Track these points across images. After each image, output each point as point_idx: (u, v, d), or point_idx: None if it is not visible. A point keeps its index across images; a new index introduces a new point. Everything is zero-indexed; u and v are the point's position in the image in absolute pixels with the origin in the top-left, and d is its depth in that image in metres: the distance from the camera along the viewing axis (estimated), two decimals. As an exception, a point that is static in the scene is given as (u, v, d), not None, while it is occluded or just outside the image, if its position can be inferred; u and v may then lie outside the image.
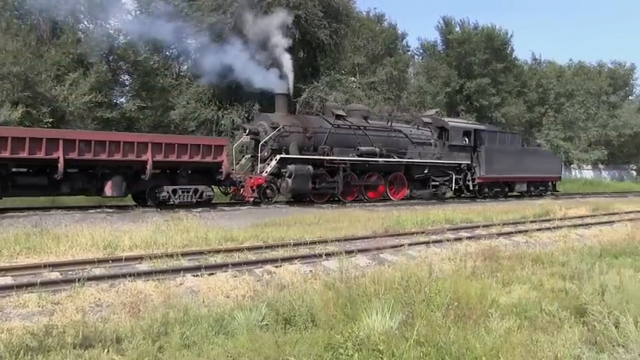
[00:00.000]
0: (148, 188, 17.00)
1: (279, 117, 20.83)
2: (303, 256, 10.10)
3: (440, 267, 9.03)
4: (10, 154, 13.99)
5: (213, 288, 8.02)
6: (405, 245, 11.62)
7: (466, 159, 26.33)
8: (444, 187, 25.64)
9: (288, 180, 19.61)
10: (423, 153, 24.68)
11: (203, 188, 17.61)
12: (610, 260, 9.91)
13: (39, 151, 14.40)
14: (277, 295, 6.91)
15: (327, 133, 21.36)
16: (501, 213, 18.63)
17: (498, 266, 9.12)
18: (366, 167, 22.32)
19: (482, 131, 27.67)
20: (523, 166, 28.94)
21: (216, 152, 17.62)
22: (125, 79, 28.15)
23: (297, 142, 20.56)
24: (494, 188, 28.00)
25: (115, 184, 16.11)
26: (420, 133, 25.15)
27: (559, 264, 9.62)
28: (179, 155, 16.84)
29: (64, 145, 14.78)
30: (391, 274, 7.74)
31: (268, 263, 9.47)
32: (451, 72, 43.21)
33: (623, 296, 6.77)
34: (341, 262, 8.32)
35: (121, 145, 15.77)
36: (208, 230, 12.05)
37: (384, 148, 22.76)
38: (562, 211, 20.11)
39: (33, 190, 15.36)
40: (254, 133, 20.40)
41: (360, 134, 22.42)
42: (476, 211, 18.93)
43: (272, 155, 19.84)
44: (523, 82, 47.96)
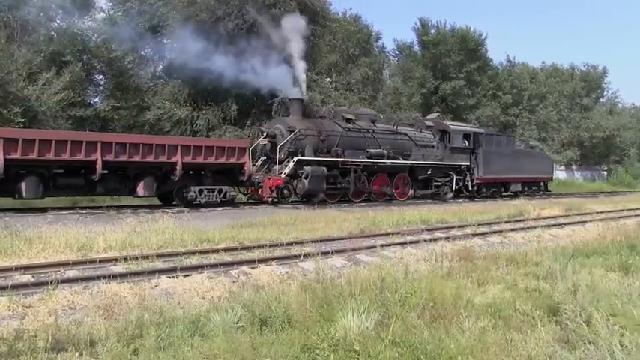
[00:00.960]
0: (176, 188, 18.27)
1: (295, 121, 22.01)
2: (279, 257, 10.10)
3: (416, 267, 9.09)
4: (54, 156, 15.28)
5: (188, 289, 7.97)
6: (380, 246, 11.68)
7: (466, 161, 27.88)
8: (445, 188, 27.06)
9: (304, 181, 20.85)
10: (426, 155, 26.14)
11: (226, 188, 18.95)
12: (582, 260, 10.07)
13: (79, 153, 15.69)
14: (253, 296, 6.89)
15: (339, 136, 22.70)
16: (476, 214, 18.81)
17: (473, 266, 9.21)
18: (375, 169, 23.63)
19: (481, 134, 29.13)
20: (518, 167, 30.62)
21: (239, 154, 19.00)
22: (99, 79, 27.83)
23: (312, 144, 21.80)
24: (492, 188, 29.55)
25: (146, 185, 17.34)
26: (422, 135, 26.59)
27: (533, 264, 9.75)
28: (206, 157, 18.20)
29: (102, 148, 16.05)
30: (367, 275, 7.77)
31: (244, 264, 9.44)
32: (426, 73, 43.49)
33: (594, 295, 6.89)
34: (317, 263, 8.33)
35: (154, 148, 17.08)
36: (184, 231, 11.97)
37: (391, 151, 24.12)
38: (536, 212, 20.38)
39: (71, 190, 16.62)
40: (271, 136, 21.49)
41: (369, 137, 23.84)
42: (451, 211, 19.09)
43: (289, 157, 21.06)
44: (497, 84, 48.46)
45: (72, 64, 23.99)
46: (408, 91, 42.50)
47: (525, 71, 53.95)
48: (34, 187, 15.47)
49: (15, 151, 14.82)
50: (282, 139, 21.22)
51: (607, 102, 64.39)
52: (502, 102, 48.20)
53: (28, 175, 15.40)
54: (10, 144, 14.80)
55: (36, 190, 15.52)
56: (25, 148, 14.93)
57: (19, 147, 14.85)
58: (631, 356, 5.07)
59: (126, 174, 17.18)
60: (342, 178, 22.34)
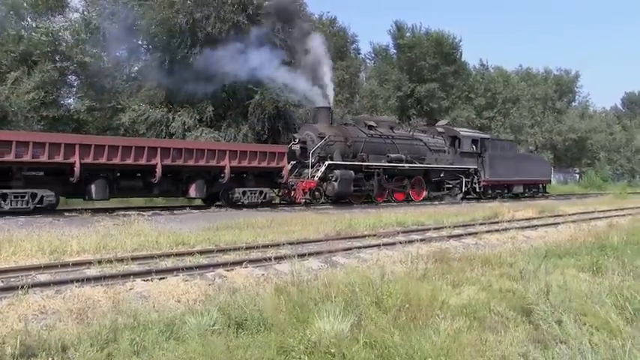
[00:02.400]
0: (222, 190, 19.93)
1: (324, 128, 23.93)
2: (255, 259, 10.06)
3: (392, 269, 9.12)
4: (120, 161, 16.92)
5: (163, 292, 7.90)
6: (357, 248, 11.71)
7: (474, 164, 30.20)
8: (456, 189, 29.24)
9: (334, 183, 22.64)
10: (439, 159, 28.32)
11: (266, 190, 20.67)
12: (555, 261, 10.23)
13: (141, 157, 17.31)
14: (229, 299, 6.85)
15: (363, 142, 24.66)
16: (452, 216, 18.95)
17: (449, 268, 9.27)
18: (395, 172, 25.78)
19: (487, 139, 31.68)
20: (520, 170, 33.03)
21: (278, 158, 20.78)
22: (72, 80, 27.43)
23: (340, 150, 23.66)
24: (496, 190, 31.85)
25: (198, 187, 18.97)
26: (435, 141, 28.77)
27: (507, 265, 9.86)
28: (250, 161, 19.95)
29: (161, 153, 17.68)
30: (343, 277, 7.79)
31: (220, 267, 9.39)
32: (402, 76, 43.79)
33: (566, 295, 7.00)
34: (293, 266, 8.31)
35: (205, 153, 18.82)
36: (159, 234, 11.87)
37: (408, 155, 26.27)
38: (510, 214, 20.62)
39: (131, 191, 18.30)
40: (302, 141, 23.20)
41: (389, 143, 25.96)
42: (427, 213, 19.21)
43: (319, 162, 22.83)
44: (471, 87, 48.99)
45: (42, 64, 23.61)
46: (384, 94, 42.81)
47: (499, 75, 54.72)
48: (102, 189, 16.94)
49: (88, 156, 16.29)
50: (313, 144, 23.05)
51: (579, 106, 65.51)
52: (476, 105, 48.73)
53: (97, 178, 16.89)
54: (84, 149, 16.25)
55: (103, 191, 16.98)
56: (96, 153, 16.44)
57: (92, 152, 16.35)
58: (600, 354, 5.15)
59: (179, 177, 18.81)
60: (366, 180, 24.26)
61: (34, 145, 15.41)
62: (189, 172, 18.76)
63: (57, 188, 16.32)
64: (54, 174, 16.33)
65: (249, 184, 20.37)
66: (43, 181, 16.24)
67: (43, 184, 16.11)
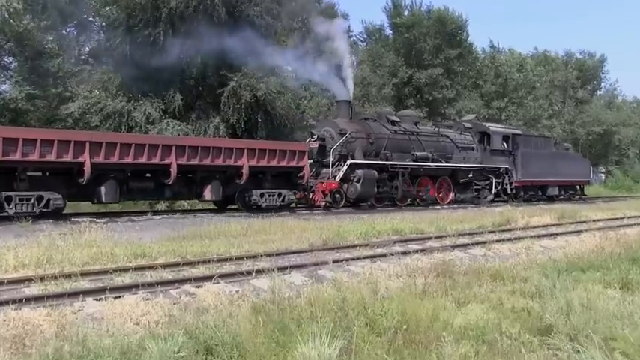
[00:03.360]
0: (237, 192, 20.79)
1: (345, 123, 25.08)
2: (228, 273, 10.03)
3: (386, 284, 9.13)
4: (132, 160, 17.71)
5: (120, 314, 7.84)
6: (346, 260, 11.74)
7: (504, 163, 31.37)
8: (485, 191, 30.55)
9: (356, 185, 23.65)
10: (467, 158, 29.59)
11: (285, 192, 21.57)
12: (577, 275, 10.25)
13: (154, 156, 18.15)
14: (197, 321, 6.81)
15: (386, 138, 25.79)
16: (456, 222, 19.02)
17: (453, 283, 9.29)
18: (421, 172, 26.79)
19: (519, 135, 32.90)
20: (555, 169, 33.94)
21: (298, 157, 21.66)
22: (8, 62, 27.07)
23: (362, 147, 24.72)
24: (529, 192, 33.04)
25: (213, 189, 19.86)
26: (462, 138, 30.04)
27: (521, 280, 9.90)
28: (269, 160, 20.87)
29: (176, 151, 18.53)
30: (330, 294, 7.77)
31: (187, 283, 9.34)
32: (399, 61, 43.84)
33: (590, 315, 7.01)
34: (272, 281, 8.29)
35: (222, 151, 19.70)
36: (115, 244, 11.80)
37: (435, 153, 27.35)
38: (524, 220, 20.74)
39: (142, 194, 19.36)
40: (321, 138, 24.27)
41: (414, 140, 27.15)
42: (427, 220, 19.26)
43: (340, 161, 23.88)
44: (479, 73, 49.17)
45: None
46: (378, 81, 42.76)
47: (512, 59, 54.97)
48: (113, 191, 17.76)
49: (98, 155, 17.04)
50: (333, 141, 24.10)
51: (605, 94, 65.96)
52: (485, 93, 48.95)
53: (107, 179, 17.65)
54: (95, 148, 16.99)
55: (114, 194, 17.83)
56: (107, 151, 17.20)
57: (102, 151, 17.10)
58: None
59: (193, 178, 19.74)
60: (389, 181, 25.25)
61: (42, 143, 16.04)
62: (205, 172, 19.76)
63: (63, 191, 16.99)
64: (60, 175, 17.13)
65: (266, 185, 21.35)
66: (48, 182, 17.03)
67: (49, 186, 16.82)
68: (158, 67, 23.96)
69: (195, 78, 27.27)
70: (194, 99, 27.69)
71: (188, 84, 26.98)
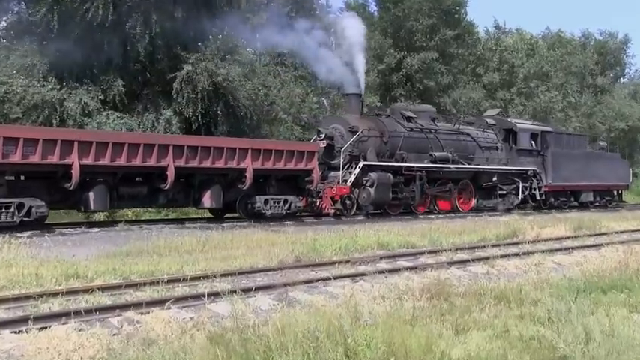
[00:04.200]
0: (239, 199, 21.67)
1: (356, 120, 25.90)
2: (180, 297, 9.97)
3: (370, 308, 9.12)
4: (126, 162, 18.34)
5: (45, 349, 7.70)
6: (323, 279, 11.74)
7: (533, 165, 32.31)
8: (511, 197, 31.32)
9: (369, 190, 24.40)
10: (490, 158, 30.71)
11: (292, 199, 22.37)
12: (597, 296, 10.34)
13: (149, 158, 18.82)
14: (142, 355, 6.76)
15: (401, 137, 26.60)
16: (454, 234, 19.11)
17: (449, 306, 9.31)
18: (440, 175, 27.74)
19: (549, 133, 33.85)
20: (590, 172, 34.72)
21: (307, 159, 22.53)
22: None
23: (375, 147, 25.56)
24: (560, 198, 34.11)
25: (213, 195, 20.62)
26: (485, 136, 31.09)
27: (530, 302, 9.93)
28: (274, 162, 21.73)
29: (174, 152, 19.26)
30: (304, 321, 7.75)
31: (131, 309, 9.26)
32: (386, 42, 43.79)
33: (612, 345, 7.06)
34: (234, 305, 8.25)
35: (224, 152, 20.45)
36: (41, 263, 11.67)
37: (455, 154, 28.30)
38: (534, 231, 20.87)
39: (133, 201, 20.05)
40: (329, 137, 24.99)
41: (432, 138, 28.07)
42: (419, 231, 19.34)
43: (351, 162, 24.69)
44: (481, 58, 49.36)
45: None
46: (362, 66, 42.87)
47: (520, 41, 55.20)
48: (103, 197, 18.34)
49: (87, 155, 17.61)
50: (343, 140, 24.92)
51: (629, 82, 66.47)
52: (487, 82, 49.12)
53: (96, 183, 18.21)
54: (84, 148, 17.54)
55: (104, 201, 18.42)
56: (97, 152, 17.77)
57: (92, 151, 17.66)
58: None
59: (190, 182, 20.59)
60: (405, 186, 26.04)
61: (25, 143, 16.46)
62: (204, 175, 20.60)
63: (46, 197, 17.44)
64: (43, 179, 17.66)
65: (270, 190, 22.20)
66: (29, 188, 17.49)
67: (30, 192, 17.26)
68: (95, 46, 23.76)
69: (141, 61, 27.02)
70: (140, 86, 27.50)
71: (132, 68, 26.74)
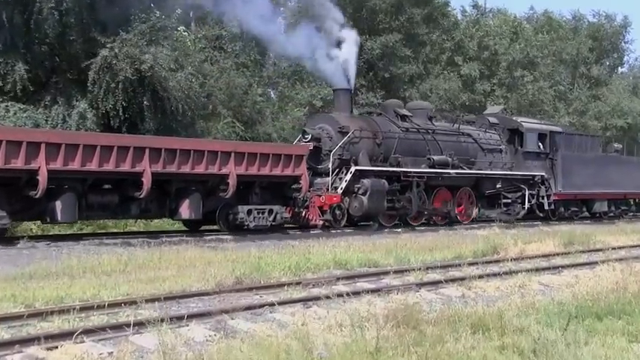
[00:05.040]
0: (219, 209, 22.69)
1: (346, 119, 27.06)
2: (97, 327, 9.84)
3: (325, 339, 9.13)
4: (97, 167, 19.15)
5: None
6: (269, 305, 11.68)
7: (540, 169, 33.57)
8: (517, 206, 32.42)
9: (362, 198, 25.44)
10: (494, 162, 31.98)
11: (277, 209, 23.46)
12: (591, 323, 10.44)
13: (123, 162, 19.63)
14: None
15: (396, 138, 27.87)
16: (424, 251, 19.23)
17: (419, 336, 9.35)
18: (439, 181, 28.99)
19: (559, 133, 35.20)
20: (604, 178, 35.66)
21: (295, 164, 23.57)
22: None
23: (367, 150, 26.64)
24: (571, 207, 35.33)
25: (192, 204, 21.47)
26: (488, 137, 32.39)
27: (513, 331, 10.01)
28: (259, 167, 22.81)
29: (150, 155, 20.09)
30: (245, 354, 7.74)
31: (34, 343, 9.14)
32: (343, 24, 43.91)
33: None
34: (162, 337, 8.21)
35: (205, 156, 21.47)
36: None
37: (455, 157, 29.50)
38: (517, 247, 21.02)
39: (103, 211, 20.76)
40: (316, 138, 25.99)
41: (430, 140, 29.35)
42: (383, 247, 19.43)
43: (340, 167, 25.62)
44: (457, 44, 49.64)
45: None
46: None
47: (503, 24, 55.56)
48: (71, 207, 18.95)
49: (55, 159, 18.22)
50: (331, 142, 25.92)
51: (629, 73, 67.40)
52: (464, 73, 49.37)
53: (63, 191, 18.80)
54: (52, 150, 18.17)
55: (72, 210, 19.03)
56: (67, 155, 18.41)
57: (61, 154, 18.29)
58: None
59: (166, 190, 21.34)
60: (401, 194, 27.18)
61: None
62: (182, 182, 21.53)
63: (7, 207, 18.12)
64: (3, 186, 18.23)
65: (254, 199, 23.31)
66: None
67: None
68: None
69: (49, 43, 26.76)
70: (48, 73, 27.20)
71: (38, 51, 26.44)
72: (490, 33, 53.06)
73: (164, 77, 26.95)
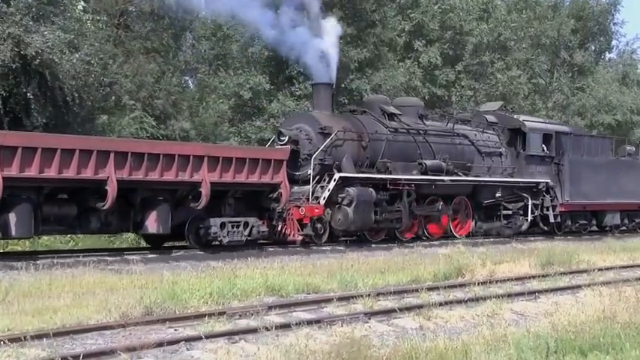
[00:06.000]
0: (188, 221, 23.33)
1: (327, 118, 27.84)
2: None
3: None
4: (57, 174, 19.68)
5: None
6: (186, 341, 11.63)
7: (545, 176, 34.60)
8: (519, 218, 33.39)
9: (347, 209, 26.08)
10: (493, 168, 33.12)
11: (253, 221, 24.29)
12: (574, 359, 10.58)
13: (85, 168, 20.26)
14: None
15: (384, 140, 28.77)
16: (374, 273, 19.32)
17: (368, 376, 9.39)
18: (432, 189, 29.95)
19: (566, 134, 36.50)
20: (616, 186, 36.68)
21: (274, 170, 24.53)
22: None
23: (352, 153, 27.60)
24: (579, 220, 36.35)
25: (160, 216, 22.01)
26: (486, 138, 33.50)
27: (481, 369, 10.12)
28: (235, 174, 23.61)
29: (115, 161, 20.72)
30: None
31: None
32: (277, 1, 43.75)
33: None
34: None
35: (175, 160, 22.20)
36: None
37: (450, 162, 30.46)
38: (486, 269, 21.19)
39: (59, 224, 21.29)
40: (293, 140, 26.67)
41: (421, 142, 30.34)
42: (325, 269, 19.50)
43: (322, 173, 26.40)
44: (418, 24, 49.68)
45: None
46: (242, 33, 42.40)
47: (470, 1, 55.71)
48: (27, 220, 19.42)
49: (10, 165, 18.78)
50: (311, 145, 26.63)
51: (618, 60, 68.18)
52: (423, 60, 49.39)
53: (18, 202, 19.29)
54: (7, 155, 18.75)
55: (28, 224, 19.47)
56: (23, 161, 18.94)
57: (18, 159, 18.83)
58: None
59: (130, 201, 21.96)
60: (390, 204, 27.97)
61: None
62: (148, 191, 22.17)
63: None
64: None
65: (227, 211, 24.00)
66: None
67: None
68: None
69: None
70: None
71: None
72: (454, 9, 52.85)
73: (55, 62, 26.65)
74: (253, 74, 38.84)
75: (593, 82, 60.11)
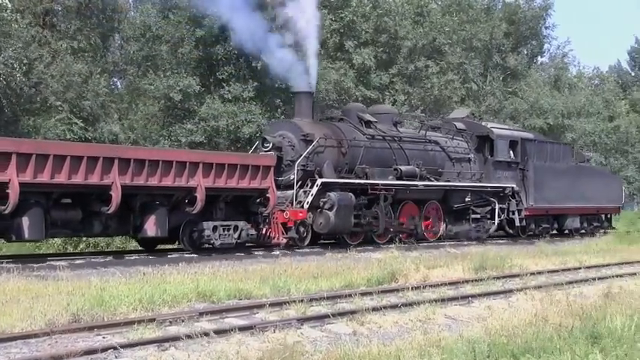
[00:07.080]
0: (183, 225, 24.60)
1: (309, 125, 29.24)
2: None
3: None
4: (66, 179, 20.73)
5: None
6: (114, 349, 11.50)
7: (511, 181, 36.34)
8: (487, 222, 35.18)
9: (328, 213, 27.46)
10: (462, 173, 34.79)
11: (242, 225, 25.63)
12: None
13: (91, 174, 21.30)
14: None
15: (362, 147, 30.36)
16: (307, 278, 19.31)
17: (300, 384, 9.36)
18: (407, 194, 31.57)
19: (530, 141, 38.34)
20: (576, 191, 38.62)
21: (262, 175, 25.82)
22: None
23: (332, 160, 29.04)
24: (542, 224, 38.39)
25: (159, 220, 23.18)
26: (455, 144, 35.19)
27: (414, 374, 10.11)
28: (227, 180, 24.87)
29: (119, 167, 21.84)
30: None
31: None
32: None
33: None
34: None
35: (173, 167, 23.38)
36: None
37: (423, 167, 32.01)
38: (420, 273, 21.31)
39: (66, 228, 22.33)
40: (277, 147, 27.99)
41: (396, 148, 31.92)
42: (257, 275, 19.45)
43: (306, 179, 27.81)
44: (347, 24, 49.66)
45: None
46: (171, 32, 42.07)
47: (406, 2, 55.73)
48: (39, 223, 20.48)
49: (24, 171, 19.83)
50: (293, 152, 28.11)
51: (550, 64, 68.92)
52: (356, 61, 49.37)
53: (30, 206, 20.30)
54: (22, 161, 19.77)
55: (40, 227, 20.58)
56: (37, 166, 20.04)
57: (31, 165, 19.92)
58: None
59: (130, 205, 23.02)
60: (367, 208, 29.53)
61: None
62: (147, 196, 23.38)
63: None
64: None
65: (218, 215, 25.35)
66: None
67: None
68: None
69: None
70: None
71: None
72: (390, 13, 52.84)
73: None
74: (183, 76, 38.56)
75: (526, 85, 60.79)
